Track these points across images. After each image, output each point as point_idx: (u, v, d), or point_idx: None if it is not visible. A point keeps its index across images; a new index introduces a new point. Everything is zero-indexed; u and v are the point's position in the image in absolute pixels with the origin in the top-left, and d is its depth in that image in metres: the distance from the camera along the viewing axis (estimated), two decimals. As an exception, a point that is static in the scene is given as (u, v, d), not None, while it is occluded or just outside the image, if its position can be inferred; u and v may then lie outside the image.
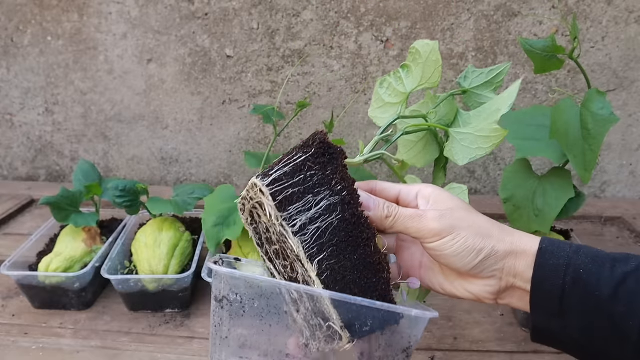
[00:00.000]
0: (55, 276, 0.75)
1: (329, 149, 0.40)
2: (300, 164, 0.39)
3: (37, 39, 1.17)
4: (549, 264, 0.40)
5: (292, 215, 0.37)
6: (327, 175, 0.39)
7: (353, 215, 0.39)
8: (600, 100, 0.64)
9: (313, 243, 0.37)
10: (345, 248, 0.38)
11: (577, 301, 0.39)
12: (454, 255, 0.41)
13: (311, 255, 0.37)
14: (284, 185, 0.38)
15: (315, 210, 0.38)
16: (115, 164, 1.28)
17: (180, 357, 0.69)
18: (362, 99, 1.15)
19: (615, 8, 1.02)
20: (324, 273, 0.37)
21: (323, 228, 0.37)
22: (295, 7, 1.08)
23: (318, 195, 0.38)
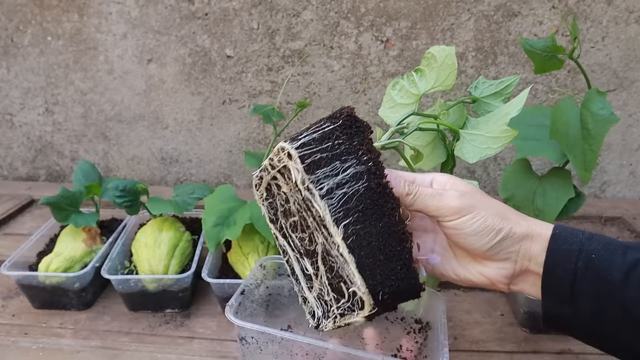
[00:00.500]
0: (55, 276, 0.75)
1: (356, 122, 0.41)
2: (328, 132, 0.39)
3: (37, 39, 1.17)
4: (562, 249, 0.40)
5: (319, 178, 0.37)
6: (353, 145, 0.39)
7: (378, 185, 0.39)
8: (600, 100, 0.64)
9: (339, 207, 0.37)
10: (370, 215, 0.38)
11: (588, 286, 0.39)
12: (473, 234, 0.41)
13: (337, 219, 0.37)
14: (312, 149, 0.38)
15: (342, 176, 0.38)
16: (115, 164, 1.28)
17: (180, 357, 0.69)
18: (362, 99, 1.15)
19: (615, 8, 1.02)
20: (349, 237, 0.37)
21: (350, 194, 0.37)
22: (295, 7, 1.08)
23: (345, 162, 0.38)
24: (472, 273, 0.44)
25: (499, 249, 0.42)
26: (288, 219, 0.42)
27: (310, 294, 0.41)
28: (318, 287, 0.40)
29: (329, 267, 0.39)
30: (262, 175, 0.43)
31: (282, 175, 0.41)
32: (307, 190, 0.38)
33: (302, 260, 0.42)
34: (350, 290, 0.37)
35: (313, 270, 0.40)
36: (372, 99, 1.14)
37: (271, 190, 0.43)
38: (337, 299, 0.39)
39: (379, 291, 0.37)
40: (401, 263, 0.38)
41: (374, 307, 0.37)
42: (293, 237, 0.42)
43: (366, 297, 0.37)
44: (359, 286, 0.37)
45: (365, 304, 0.37)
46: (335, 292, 0.39)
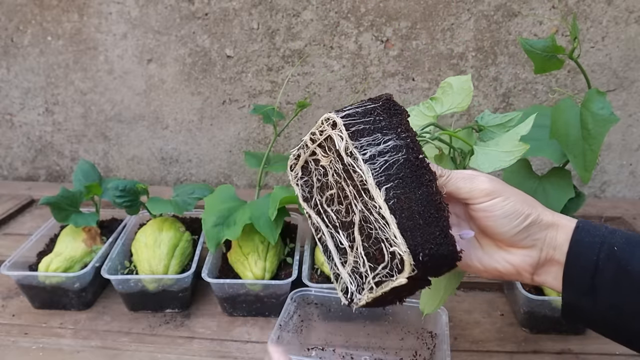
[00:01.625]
0: (55, 276, 0.75)
1: (395, 105, 0.43)
2: (370, 109, 0.42)
3: (37, 39, 1.17)
4: (585, 240, 0.41)
5: (362, 145, 0.39)
6: (393, 123, 0.42)
7: (416, 159, 0.40)
8: (600, 100, 0.64)
9: (381, 172, 0.39)
10: (410, 183, 0.39)
11: (609, 277, 0.40)
12: (503, 217, 0.42)
13: (379, 182, 0.38)
14: (356, 120, 0.41)
15: (384, 146, 0.40)
16: (115, 164, 1.28)
17: (180, 357, 0.69)
18: (362, 99, 1.15)
19: (615, 8, 1.02)
20: (391, 199, 0.38)
21: (390, 162, 0.39)
22: (295, 7, 1.08)
23: (386, 135, 0.40)
24: (498, 261, 0.44)
25: (527, 234, 0.42)
26: (324, 194, 0.43)
27: (344, 269, 0.41)
28: (353, 260, 0.40)
29: (366, 236, 0.40)
30: (299, 153, 0.45)
31: (323, 148, 0.43)
32: (350, 156, 0.40)
33: (336, 234, 0.42)
34: (391, 250, 0.38)
35: (348, 243, 0.41)
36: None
37: (307, 168, 0.45)
38: (374, 267, 0.39)
39: (419, 252, 0.37)
40: (439, 229, 0.38)
41: (414, 268, 0.37)
42: (328, 211, 0.43)
43: (407, 257, 0.37)
44: (399, 245, 0.37)
45: (406, 263, 0.37)
46: (371, 261, 0.39)
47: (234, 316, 0.77)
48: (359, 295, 0.40)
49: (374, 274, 0.39)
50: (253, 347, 0.71)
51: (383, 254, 0.38)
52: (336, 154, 0.41)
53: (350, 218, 0.41)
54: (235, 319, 0.77)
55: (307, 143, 0.44)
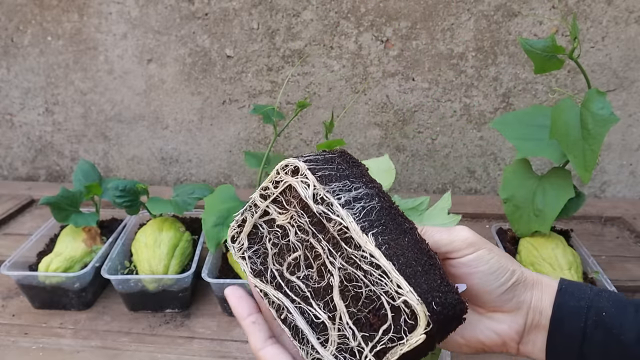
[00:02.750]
0: (55, 276, 0.75)
1: (352, 158, 0.39)
2: (329, 158, 0.37)
3: (37, 39, 1.17)
4: (569, 305, 0.37)
5: (334, 190, 0.34)
6: (356, 173, 0.37)
7: (391, 207, 0.36)
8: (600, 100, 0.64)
9: (362, 218, 0.33)
10: (394, 230, 0.34)
11: (599, 346, 0.36)
12: (490, 272, 0.37)
13: (363, 227, 0.32)
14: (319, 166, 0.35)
15: (356, 193, 0.34)
16: (115, 164, 1.28)
17: (180, 357, 0.69)
18: (362, 99, 1.15)
19: (615, 8, 1.02)
20: (382, 245, 0.32)
21: (368, 208, 0.34)
22: (295, 7, 1.08)
23: (354, 182, 0.35)
24: (482, 331, 0.39)
25: (512, 294, 0.38)
26: (285, 260, 0.36)
27: (326, 350, 0.33)
28: (337, 335, 0.33)
29: (352, 298, 0.33)
30: (245, 217, 0.38)
31: (279, 203, 0.37)
32: (321, 203, 0.34)
33: (308, 307, 0.35)
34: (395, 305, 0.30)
35: (327, 315, 0.34)
36: (372, 99, 1.14)
37: (257, 234, 0.38)
38: (370, 336, 0.31)
39: (431, 300, 0.30)
40: (439, 277, 0.33)
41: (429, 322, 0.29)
42: (293, 280, 0.36)
43: (420, 307, 0.29)
44: (407, 294, 0.30)
45: (420, 315, 0.29)
46: (364, 328, 0.32)
47: (234, 316, 0.77)
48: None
49: (372, 343, 0.31)
50: (253, 347, 0.71)
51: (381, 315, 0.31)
52: (300, 205, 0.35)
53: (325, 282, 0.34)
54: (235, 319, 0.77)
55: (255, 202, 0.38)
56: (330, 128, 0.79)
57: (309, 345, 0.35)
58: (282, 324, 0.36)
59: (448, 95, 1.12)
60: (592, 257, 0.77)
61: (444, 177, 1.20)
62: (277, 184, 0.36)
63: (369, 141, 1.18)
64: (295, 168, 0.35)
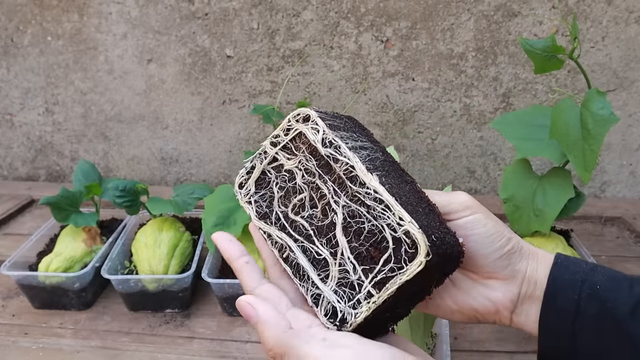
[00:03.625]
0: (55, 276, 0.75)
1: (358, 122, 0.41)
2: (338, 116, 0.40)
3: (37, 39, 1.17)
4: (564, 277, 0.37)
5: (342, 136, 0.36)
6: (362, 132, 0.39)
7: (394, 163, 0.38)
8: (600, 100, 0.64)
9: (367, 161, 0.35)
10: (396, 178, 0.35)
11: (592, 320, 0.36)
12: (486, 236, 0.37)
13: (368, 168, 0.34)
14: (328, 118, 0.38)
15: (362, 144, 0.37)
16: (115, 164, 1.28)
17: (180, 357, 0.69)
18: (362, 99, 1.15)
19: (615, 8, 1.02)
20: (385, 184, 0.33)
21: (373, 156, 0.36)
22: (295, 7, 1.08)
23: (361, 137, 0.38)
24: (475, 297, 0.39)
25: (508, 261, 0.38)
26: (290, 202, 0.38)
27: (326, 285, 0.34)
28: (337, 270, 0.34)
29: (354, 233, 0.34)
30: (253, 164, 0.41)
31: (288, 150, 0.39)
32: (329, 146, 0.36)
33: (310, 245, 0.36)
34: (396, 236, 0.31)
35: (329, 250, 0.35)
36: (372, 99, 1.14)
37: (265, 179, 0.40)
38: (371, 268, 0.32)
39: (431, 233, 0.31)
40: (438, 220, 0.34)
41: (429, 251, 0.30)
42: (298, 220, 0.37)
43: (420, 235, 0.30)
44: (408, 223, 0.31)
45: (420, 243, 0.30)
46: (365, 261, 0.33)
47: (234, 316, 0.77)
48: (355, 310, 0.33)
49: (372, 275, 0.32)
50: (253, 347, 0.71)
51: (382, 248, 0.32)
52: (309, 150, 0.37)
53: (329, 219, 0.35)
54: (235, 319, 0.77)
55: (265, 149, 0.40)
56: (330, 128, 0.79)
57: (310, 281, 0.35)
58: (283, 263, 0.37)
59: (448, 95, 1.12)
60: (592, 257, 0.77)
61: (444, 177, 1.20)
62: (288, 132, 0.38)
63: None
64: (306, 116, 0.38)
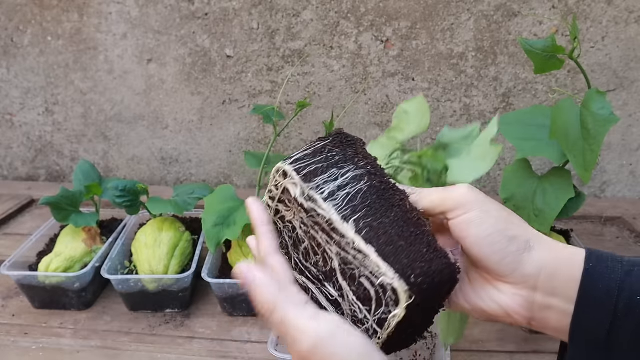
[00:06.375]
0: (55, 276, 0.75)
1: (347, 137, 0.41)
2: (320, 148, 0.40)
3: (37, 39, 1.17)
4: (598, 287, 0.33)
5: (318, 184, 0.37)
6: (348, 155, 0.39)
7: (381, 183, 0.37)
8: (600, 100, 0.64)
9: (345, 206, 0.35)
10: (379, 208, 0.36)
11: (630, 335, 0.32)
12: (484, 236, 0.34)
13: (345, 216, 0.35)
14: (306, 162, 0.38)
15: (342, 180, 0.37)
16: (115, 164, 1.28)
17: (180, 357, 0.69)
18: (362, 99, 1.15)
19: (615, 8, 1.02)
20: (362, 230, 0.34)
21: (353, 193, 0.36)
22: (295, 7, 1.08)
23: (342, 168, 0.38)
24: (484, 299, 0.37)
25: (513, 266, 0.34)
26: (299, 250, 0.40)
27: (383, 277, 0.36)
28: (349, 308, 0.36)
29: (350, 278, 0.35)
30: None
31: (283, 202, 0.40)
32: (309, 200, 0.37)
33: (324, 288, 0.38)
34: (379, 283, 0.33)
35: (337, 292, 0.37)
36: (372, 99, 1.14)
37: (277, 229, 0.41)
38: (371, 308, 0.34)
39: (410, 274, 0.32)
40: (425, 245, 0.34)
41: (410, 293, 0.32)
42: (308, 266, 0.39)
43: (397, 283, 0.32)
44: (385, 273, 0.32)
45: (399, 291, 0.32)
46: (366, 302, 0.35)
47: (234, 316, 0.77)
48: None
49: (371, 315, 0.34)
50: (253, 347, 0.71)
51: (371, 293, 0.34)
52: (297, 203, 0.38)
53: (330, 266, 0.37)
54: (235, 319, 0.77)
55: (268, 203, 0.41)
56: (330, 128, 0.79)
57: None
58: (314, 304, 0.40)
59: (448, 95, 1.12)
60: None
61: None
62: (277, 186, 0.40)
63: (369, 141, 1.18)
64: (284, 171, 0.39)
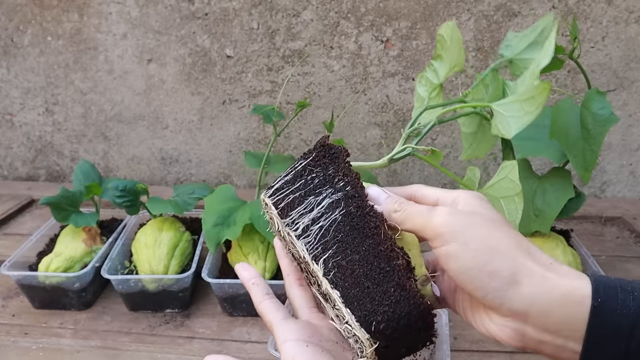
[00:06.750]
0: (55, 276, 0.75)
1: (330, 149, 0.39)
2: (300, 170, 0.39)
3: (37, 39, 1.17)
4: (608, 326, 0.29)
5: (294, 219, 0.37)
6: (328, 175, 0.38)
7: (358, 208, 0.36)
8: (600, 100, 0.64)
9: (317, 243, 0.36)
10: (351, 242, 0.35)
11: None
12: (462, 272, 0.31)
13: (315, 255, 0.35)
14: (285, 192, 0.38)
15: (317, 210, 0.37)
16: (115, 164, 1.28)
17: (180, 357, 0.69)
18: (362, 99, 1.15)
19: (615, 8, 1.02)
20: (330, 271, 0.34)
21: (326, 226, 0.36)
22: (295, 7, 1.08)
23: (319, 195, 0.37)
24: (477, 322, 0.35)
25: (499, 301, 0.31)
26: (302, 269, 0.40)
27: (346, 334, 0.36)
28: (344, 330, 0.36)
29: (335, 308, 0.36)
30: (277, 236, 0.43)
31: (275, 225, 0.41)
32: (287, 234, 0.37)
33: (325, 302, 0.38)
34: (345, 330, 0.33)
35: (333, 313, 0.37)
36: (372, 99, 1.14)
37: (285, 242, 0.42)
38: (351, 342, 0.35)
39: (372, 321, 0.32)
40: (393, 284, 0.33)
41: (373, 340, 0.32)
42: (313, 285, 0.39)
43: (359, 332, 0.32)
44: (349, 321, 0.33)
45: (361, 339, 0.32)
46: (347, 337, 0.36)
47: (234, 316, 0.77)
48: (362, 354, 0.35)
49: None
50: (253, 347, 0.71)
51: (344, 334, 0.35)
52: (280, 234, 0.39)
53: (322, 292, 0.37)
54: (235, 319, 0.77)
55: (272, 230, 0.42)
56: (330, 128, 0.79)
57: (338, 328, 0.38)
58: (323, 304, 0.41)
59: (448, 96, 1.12)
60: (592, 257, 0.77)
61: (444, 177, 1.20)
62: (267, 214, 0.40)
63: (369, 141, 1.18)
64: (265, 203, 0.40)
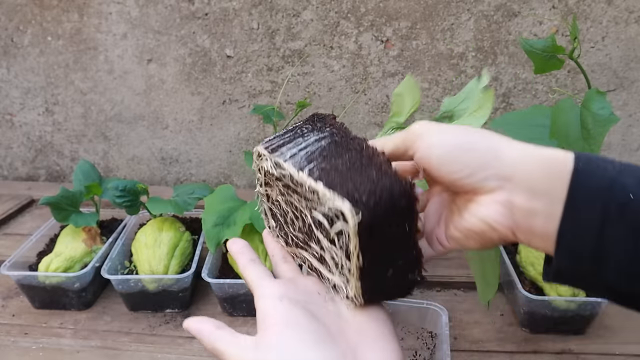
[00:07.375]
0: (55, 276, 0.75)
1: (319, 116, 0.44)
2: (291, 129, 0.43)
3: (37, 39, 1.17)
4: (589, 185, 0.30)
5: (283, 152, 0.40)
6: (316, 127, 0.42)
7: (343, 137, 0.40)
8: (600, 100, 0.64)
9: (303, 160, 0.38)
10: (335, 154, 0.37)
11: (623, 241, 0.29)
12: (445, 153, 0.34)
13: (301, 167, 0.37)
14: (277, 141, 0.42)
15: (305, 144, 0.40)
16: (115, 164, 1.28)
17: (180, 357, 0.69)
18: (362, 99, 1.15)
19: (615, 8, 1.02)
20: (314, 173, 0.36)
21: (312, 150, 0.39)
22: (295, 7, 1.08)
23: (307, 136, 0.41)
24: (469, 220, 0.35)
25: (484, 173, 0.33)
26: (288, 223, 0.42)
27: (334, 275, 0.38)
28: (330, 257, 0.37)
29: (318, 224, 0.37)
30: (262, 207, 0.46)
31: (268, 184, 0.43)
32: (277, 167, 0.39)
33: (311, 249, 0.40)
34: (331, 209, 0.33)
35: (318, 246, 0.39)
36: (372, 99, 1.14)
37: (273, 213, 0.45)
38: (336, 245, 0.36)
39: (354, 194, 0.32)
40: (375, 169, 0.34)
41: (356, 210, 0.32)
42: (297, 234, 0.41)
43: (340, 203, 0.32)
44: (330, 198, 0.33)
45: (345, 212, 0.32)
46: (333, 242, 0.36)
47: (234, 316, 0.77)
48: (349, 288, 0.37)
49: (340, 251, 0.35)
50: (253, 347, 0.70)
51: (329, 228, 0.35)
52: (274, 178, 0.40)
53: (307, 223, 0.38)
54: (235, 319, 0.77)
55: (260, 191, 0.45)
56: (330, 128, 0.79)
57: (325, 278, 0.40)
58: (310, 271, 0.43)
59: (448, 96, 1.12)
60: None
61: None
62: (259, 170, 0.43)
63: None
64: (258, 152, 0.42)
